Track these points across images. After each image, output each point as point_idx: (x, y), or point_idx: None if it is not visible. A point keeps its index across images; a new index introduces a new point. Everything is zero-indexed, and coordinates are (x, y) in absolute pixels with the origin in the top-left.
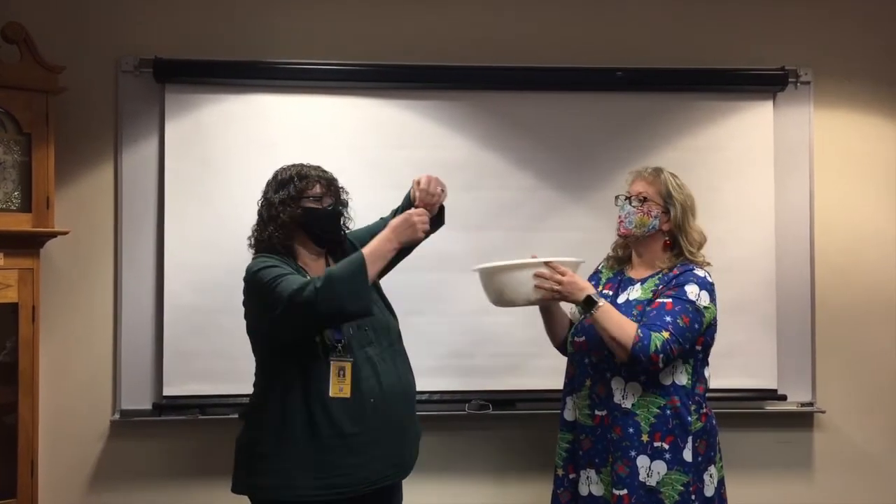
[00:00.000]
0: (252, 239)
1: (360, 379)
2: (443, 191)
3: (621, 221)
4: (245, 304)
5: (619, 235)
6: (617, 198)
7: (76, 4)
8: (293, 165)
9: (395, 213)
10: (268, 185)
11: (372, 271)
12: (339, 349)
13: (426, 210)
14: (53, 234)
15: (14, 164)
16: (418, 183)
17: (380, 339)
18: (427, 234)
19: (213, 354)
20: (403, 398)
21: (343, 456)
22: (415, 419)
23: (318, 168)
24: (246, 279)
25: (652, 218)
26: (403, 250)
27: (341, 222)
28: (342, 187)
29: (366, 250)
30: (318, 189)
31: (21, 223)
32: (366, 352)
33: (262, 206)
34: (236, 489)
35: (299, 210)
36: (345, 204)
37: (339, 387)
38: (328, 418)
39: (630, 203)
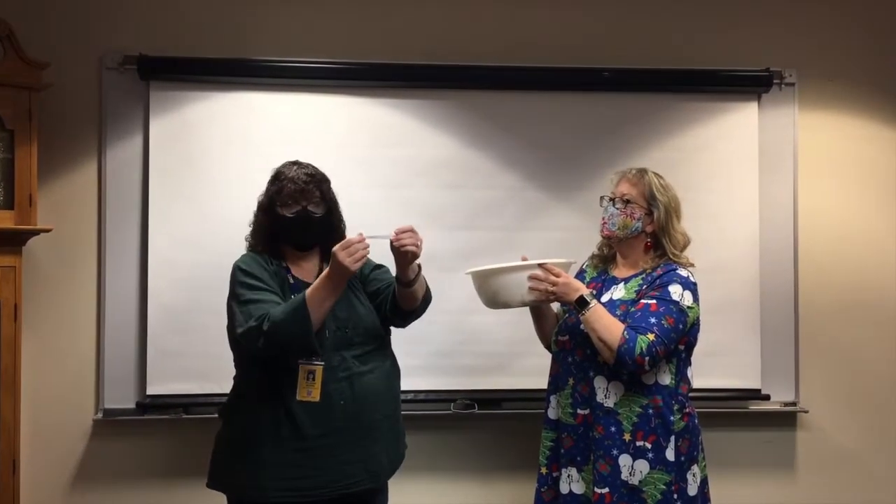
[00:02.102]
0: (247, 239)
1: (331, 381)
2: (417, 246)
3: (605, 223)
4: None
5: (603, 237)
6: (602, 199)
7: (61, 1)
8: (281, 165)
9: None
10: None
11: (316, 314)
12: (319, 353)
13: (405, 251)
14: (36, 232)
15: None
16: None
17: (364, 341)
18: (406, 283)
19: (197, 353)
20: (381, 403)
21: (306, 459)
22: (398, 424)
23: (300, 168)
24: (230, 282)
25: (635, 220)
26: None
27: (320, 225)
28: (322, 185)
29: (308, 293)
30: (287, 192)
31: (3, 220)
32: (342, 354)
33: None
34: (210, 484)
35: (269, 217)
36: (333, 204)
37: (307, 390)
38: (291, 421)
39: (614, 205)
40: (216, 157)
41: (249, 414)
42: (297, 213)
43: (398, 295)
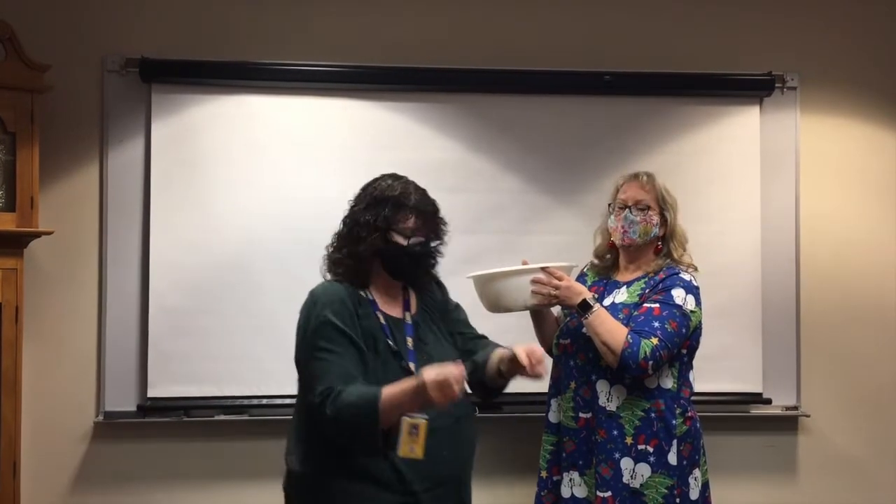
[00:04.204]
0: (328, 249)
1: (435, 430)
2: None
3: (625, 231)
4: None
5: (623, 246)
6: (611, 206)
7: (62, 3)
8: (397, 183)
9: (479, 362)
10: (361, 194)
11: (387, 419)
12: None
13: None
14: (37, 234)
15: None
16: (529, 354)
17: None
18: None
19: (199, 356)
20: (473, 449)
21: None
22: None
23: (421, 195)
24: (303, 313)
25: (654, 226)
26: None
27: (428, 261)
28: (441, 218)
29: (385, 397)
30: (410, 223)
31: (5, 223)
32: None
33: (347, 218)
34: None
35: (381, 242)
36: (440, 238)
37: (409, 447)
38: (396, 476)
39: (631, 212)
40: (218, 160)
41: (344, 472)
42: (419, 245)
43: (489, 379)
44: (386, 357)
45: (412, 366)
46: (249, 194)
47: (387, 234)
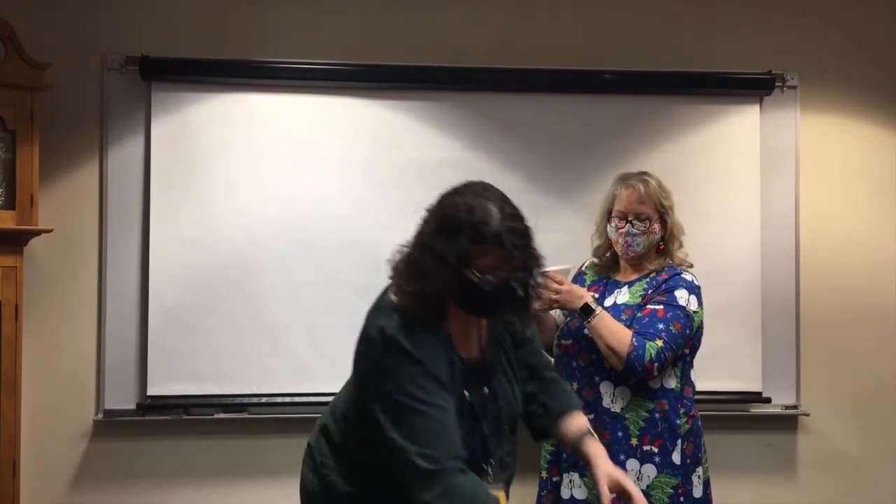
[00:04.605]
0: (394, 270)
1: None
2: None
3: (628, 245)
4: (358, 375)
5: (627, 259)
6: (610, 219)
7: (62, 1)
8: (476, 202)
9: (551, 414)
10: (435, 209)
11: None
12: (489, 473)
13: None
14: (37, 232)
15: None
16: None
17: (512, 430)
18: None
19: (198, 354)
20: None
21: None
22: None
23: (508, 220)
24: (386, 355)
25: (655, 234)
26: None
27: (513, 302)
28: (534, 250)
29: None
30: (489, 259)
31: (5, 221)
32: (502, 458)
33: (416, 238)
34: None
35: (452, 277)
36: (530, 274)
37: None
38: None
39: (633, 226)
40: (217, 158)
41: None
42: (496, 286)
43: (554, 437)
44: (466, 417)
45: (484, 426)
46: (249, 192)
47: (459, 268)
